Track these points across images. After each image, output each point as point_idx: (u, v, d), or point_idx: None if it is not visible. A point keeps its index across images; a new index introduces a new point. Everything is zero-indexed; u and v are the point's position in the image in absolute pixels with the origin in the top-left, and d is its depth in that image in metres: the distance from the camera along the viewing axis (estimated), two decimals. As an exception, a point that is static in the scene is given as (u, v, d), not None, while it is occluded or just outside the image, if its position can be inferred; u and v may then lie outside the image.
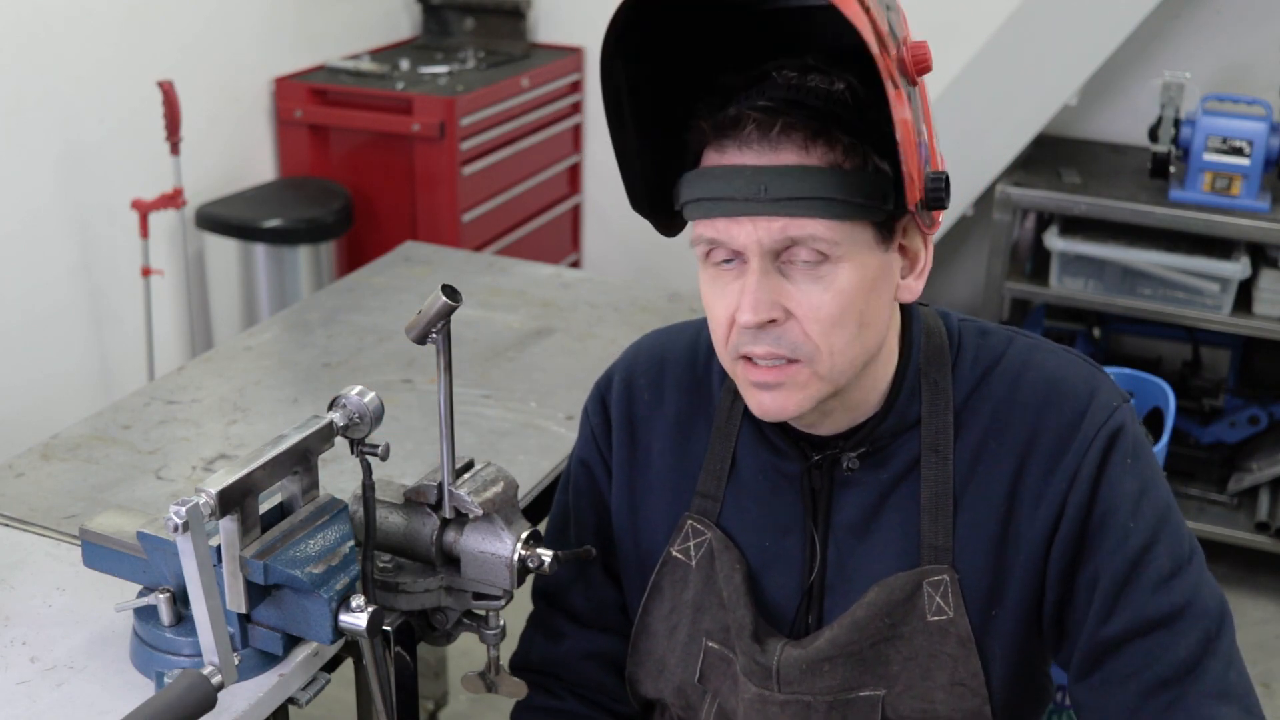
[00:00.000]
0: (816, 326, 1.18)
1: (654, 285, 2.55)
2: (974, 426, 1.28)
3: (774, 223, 1.15)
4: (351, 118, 3.60)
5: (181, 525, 1.13)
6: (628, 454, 1.43)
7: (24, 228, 2.94)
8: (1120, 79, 3.52)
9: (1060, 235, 3.22)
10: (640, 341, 1.48)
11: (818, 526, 1.33)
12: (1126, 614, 1.23)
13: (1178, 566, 1.24)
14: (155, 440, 1.89)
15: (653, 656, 1.43)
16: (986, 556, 1.27)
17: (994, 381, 1.29)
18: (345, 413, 1.28)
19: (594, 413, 1.46)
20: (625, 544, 1.44)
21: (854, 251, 1.17)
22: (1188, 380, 3.42)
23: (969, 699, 1.29)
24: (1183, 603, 1.23)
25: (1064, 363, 1.31)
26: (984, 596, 1.28)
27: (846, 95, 1.15)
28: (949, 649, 1.28)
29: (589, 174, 4.25)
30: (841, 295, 1.17)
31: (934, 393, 1.29)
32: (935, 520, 1.27)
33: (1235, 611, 1.28)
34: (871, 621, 1.29)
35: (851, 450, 1.30)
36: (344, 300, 2.43)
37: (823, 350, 1.19)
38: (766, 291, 1.17)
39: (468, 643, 1.61)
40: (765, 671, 1.32)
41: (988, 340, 1.33)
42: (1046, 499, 1.25)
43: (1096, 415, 1.25)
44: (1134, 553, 1.23)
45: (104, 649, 1.39)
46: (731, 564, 1.34)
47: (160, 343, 3.27)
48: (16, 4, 2.84)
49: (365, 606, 1.24)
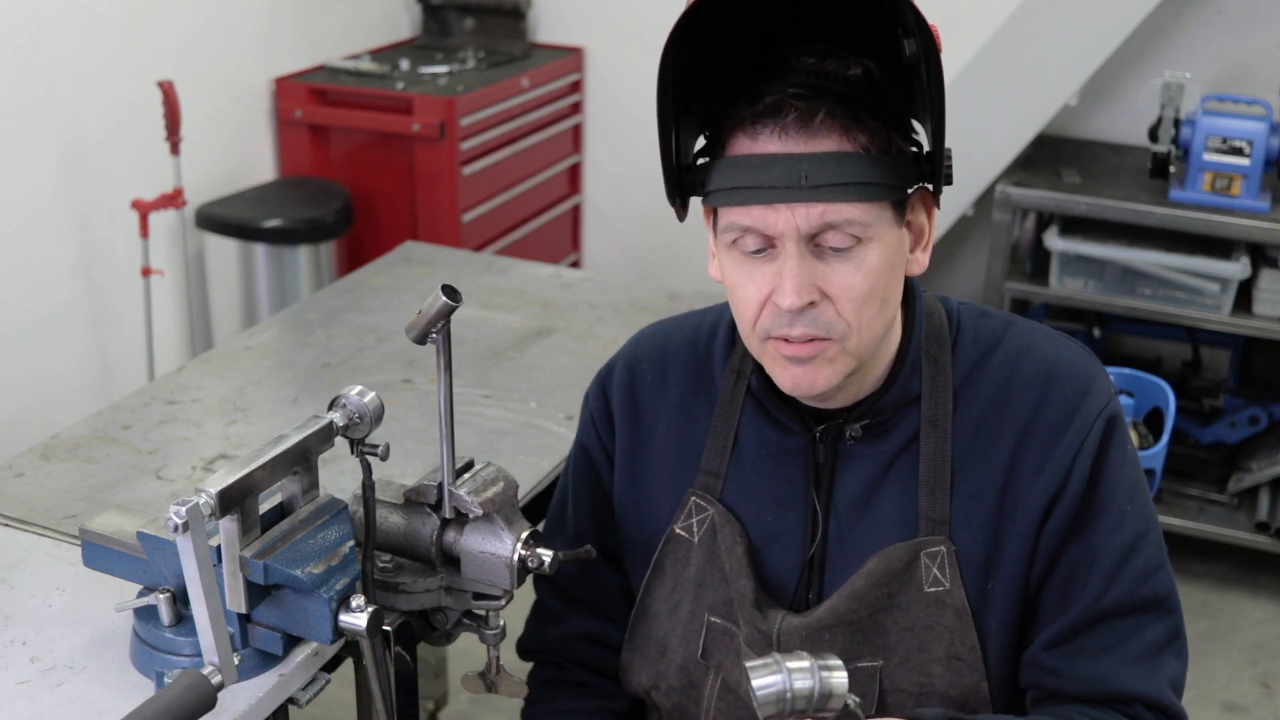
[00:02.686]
0: (849, 305, 1.22)
1: (654, 285, 2.55)
2: (973, 403, 1.32)
3: (813, 209, 1.18)
4: (351, 118, 3.60)
5: (181, 525, 1.13)
6: (630, 437, 1.45)
7: (24, 228, 2.94)
8: (1120, 79, 3.52)
9: (1060, 235, 3.22)
10: (642, 332, 1.52)
11: (820, 500, 1.35)
12: (1118, 591, 1.28)
13: (1161, 560, 1.31)
14: (155, 440, 1.89)
15: (652, 640, 1.44)
16: (983, 528, 1.30)
17: (994, 361, 1.33)
18: (345, 413, 1.28)
19: (594, 398, 1.49)
20: (629, 525, 1.46)
21: (881, 231, 1.21)
22: (1188, 380, 3.42)
23: (966, 674, 1.31)
24: (1165, 593, 1.30)
25: (1063, 346, 1.36)
26: (980, 568, 1.30)
27: (863, 80, 1.19)
28: (945, 620, 1.30)
29: (589, 174, 4.24)
30: (872, 274, 1.21)
31: (934, 369, 1.33)
32: (933, 493, 1.30)
33: (1235, 611, 1.32)
34: (870, 591, 1.31)
35: (855, 421, 1.33)
36: (344, 300, 2.43)
37: (854, 328, 1.23)
38: (805, 275, 1.20)
39: (468, 643, 1.61)
40: (767, 640, 1.34)
41: (987, 322, 1.37)
42: (1047, 471, 1.28)
43: (1098, 398, 1.30)
44: (1131, 537, 1.29)
45: (104, 649, 1.39)
46: (733, 537, 1.37)
47: (160, 343, 3.27)
48: (16, 4, 2.84)
49: (365, 606, 1.24)
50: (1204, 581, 3.29)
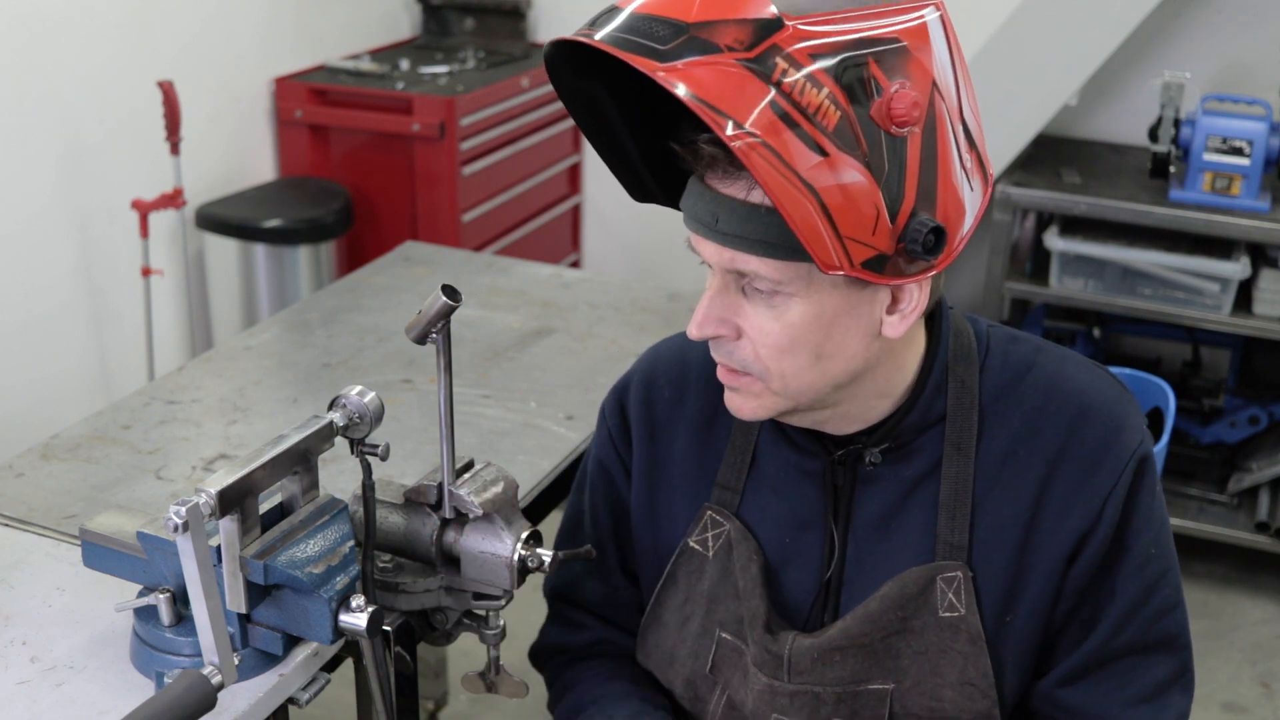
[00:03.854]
0: (764, 350, 1.19)
1: (654, 285, 2.55)
2: (1002, 429, 1.29)
3: (723, 252, 1.16)
4: (351, 118, 3.60)
5: (181, 525, 1.13)
6: (647, 451, 1.43)
7: (24, 228, 2.94)
8: (1120, 79, 3.52)
9: (1060, 235, 3.22)
10: (658, 346, 1.49)
11: (838, 523, 1.33)
12: (1132, 631, 1.28)
13: (1178, 600, 1.32)
14: (155, 440, 1.89)
15: (661, 649, 1.43)
16: (1005, 559, 1.28)
17: (1026, 388, 1.30)
18: (345, 413, 1.28)
19: (611, 414, 1.47)
20: (644, 538, 1.45)
21: (806, 289, 1.15)
22: (1188, 380, 3.42)
23: (978, 700, 1.30)
24: (1176, 632, 1.31)
25: (1097, 378, 1.32)
26: (999, 599, 1.28)
27: None
28: (959, 646, 1.29)
29: (589, 174, 4.24)
30: (791, 327, 1.17)
31: (960, 389, 1.29)
32: (953, 518, 1.28)
33: (1235, 611, 1.34)
34: (884, 614, 1.29)
35: (874, 445, 1.30)
36: (344, 300, 2.43)
37: (773, 372, 1.20)
38: (717, 309, 1.19)
39: (468, 643, 1.61)
40: (776, 661, 1.32)
41: (1017, 346, 1.34)
42: (1076, 511, 1.26)
43: (1131, 437, 1.28)
44: (1152, 578, 1.28)
45: (104, 649, 1.39)
46: (749, 554, 1.35)
47: (160, 343, 3.27)
48: (16, 4, 2.84)
49: (365, 606, 1.24)
50: (1204, 581, 3.29)
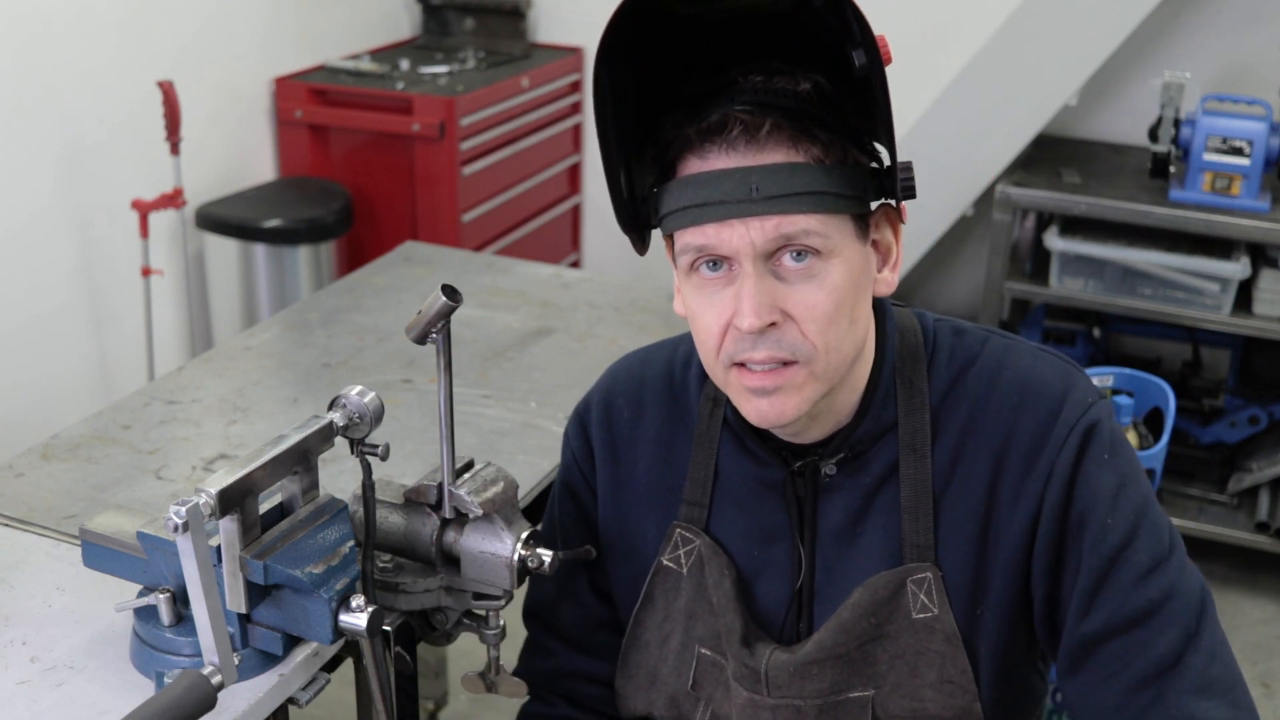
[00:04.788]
0: (814, 325, 1.18)
1: (654, 285, 2.55)
2: (952, 426, 1.29)
3: (767, 222, 1.16)
4: (351, 118, 3.60)
5: (181, 525, 1.13)
6: (611, 473, 1.43)
7: (24, 228, 2.94)
8: (1120, 79, 3.52)
9: (1060, 235, 3.22)
10: (616, 364, 1.49)
11: (803, 533, 1.33)
12: (1105, 610, 1.23)
13: (1156, 562, 1.24)
14: (155, 440, 1.89)
15: (643, 669, 1.43)
16: (968, 555, 1.28)
17: (970, 380, 1.30)
18: (345, 413, 1.28)
19: (574, 436, 1.47)
20: (615, 559, 1.44)
21: (842, 246, 1.19)
22: (1188, 380, 3.42)
23: (959, 696, 1.30)
24: (1160, 598, 1.22)
25: (1039, 361, 1.31)
26: (968, 594, 1.28)
27: (813, 94, 1.18)
28: (936, 646, 1.29)
29: (589, 174, 4.24)
30: (835, 291, 1.18)
31: (909, 391, 1.29)
32: (916, 519, 1.28)
33: (1235, 611, 1.29)
34: (857, 622, 1.29)
35: (830, 457, 1.30)
36: (344, 300, 2.43)
37: (820, 349, 1.19)
38: (764, 294, 1.17)
39: (468, 643, 1.61)
40: (755, 676, 1.32)
41: (963, 339, 1.33)
42: (1024, 498, 1.25)
43: (1070, 413, 1.25)
44: (1111, 549, 1.23)
45: (104, 649, 1.39)
46: (720, 570, 1.35)
47: (160, 343, 3.27)
48: (16, 4, 2.84)
49: (365, 606, 1.24)
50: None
